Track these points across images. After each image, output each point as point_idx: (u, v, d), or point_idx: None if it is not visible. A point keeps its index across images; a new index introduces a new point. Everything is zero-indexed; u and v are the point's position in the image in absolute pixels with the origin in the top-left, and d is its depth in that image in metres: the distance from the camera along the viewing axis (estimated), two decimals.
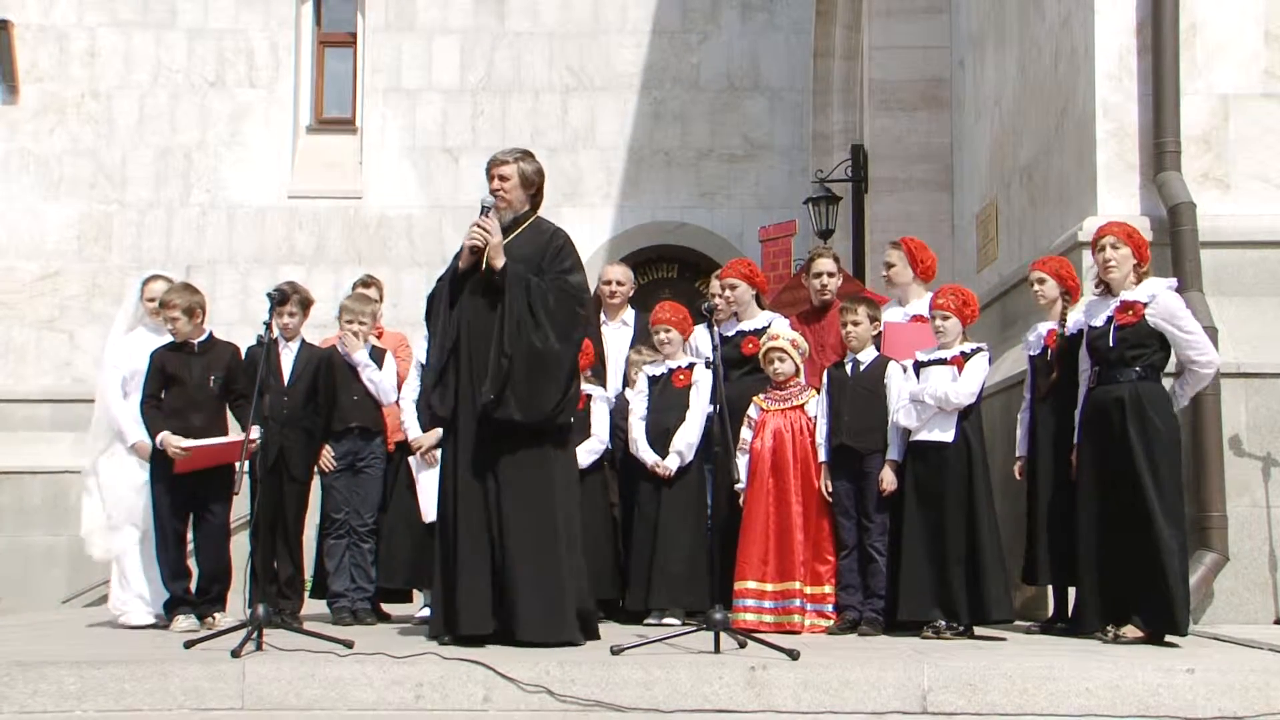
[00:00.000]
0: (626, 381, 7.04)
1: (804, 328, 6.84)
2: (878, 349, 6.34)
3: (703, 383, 6.63)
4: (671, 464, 6.53)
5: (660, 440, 6.60)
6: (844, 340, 6.35)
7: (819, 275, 6.95)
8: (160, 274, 6.86)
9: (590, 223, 13.78)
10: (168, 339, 6.60)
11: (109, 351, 6.84)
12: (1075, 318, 6.01)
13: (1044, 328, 6.17)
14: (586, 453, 6.54)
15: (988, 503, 5.88)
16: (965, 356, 6.01)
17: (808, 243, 12.91)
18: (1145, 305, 5.59)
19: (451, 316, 5.42)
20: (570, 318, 5.45)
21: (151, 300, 6.71)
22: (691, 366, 6.73)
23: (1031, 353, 6.22)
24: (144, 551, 6.58)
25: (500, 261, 5.38)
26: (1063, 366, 5.95)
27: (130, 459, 6.63)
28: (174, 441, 6.28)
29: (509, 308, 5.33)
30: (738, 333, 6.85)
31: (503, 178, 5.60)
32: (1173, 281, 5.83)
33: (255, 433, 5.86)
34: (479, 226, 5.40)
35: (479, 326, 5.40)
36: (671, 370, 6.74)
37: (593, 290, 6.28)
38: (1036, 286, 6.17)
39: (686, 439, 6.55)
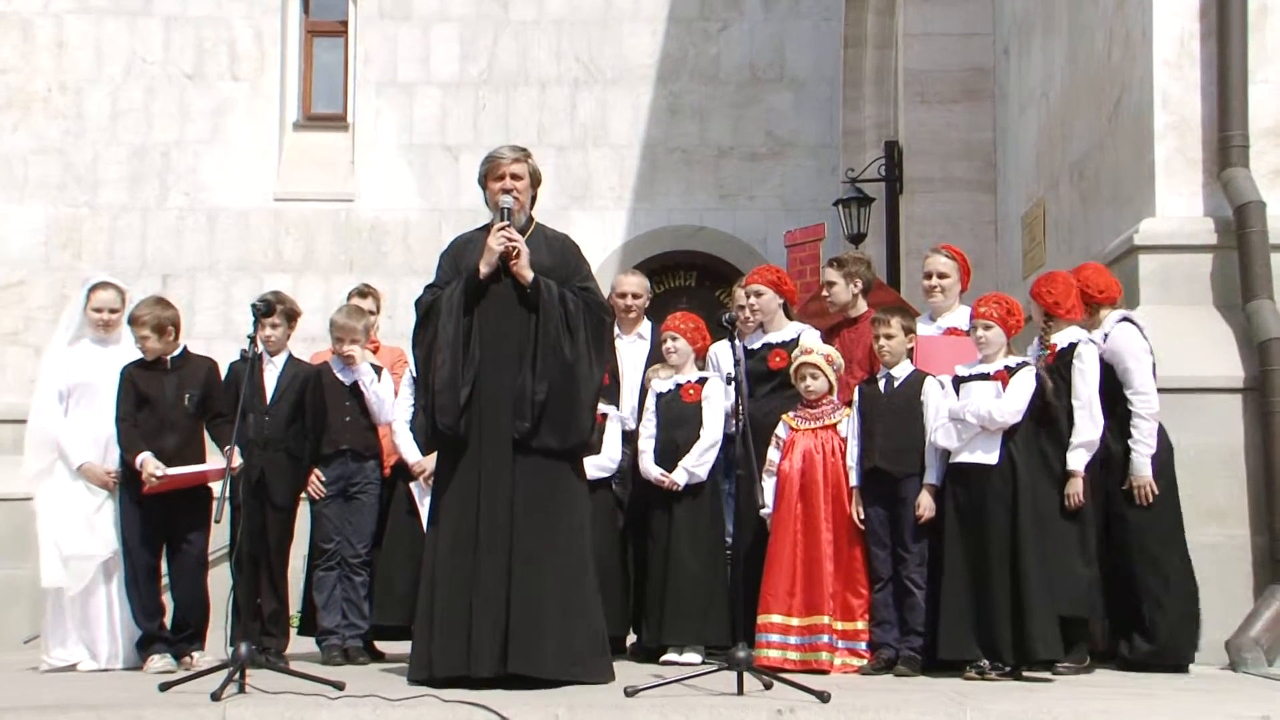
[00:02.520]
0: (644, 401, 7.06)
1: (830, 341, 6.83)
2: (912, 363, 6.33)
3: (715, 398, 6.63)
4: (679, 478, 6.53)
5: (670, 460, 6.60)
6: (876, 354, 6.34)
7: (824, 285, 6.98)
8: (109, 280, 6.80)
9: (601, 227, 13.78)
10: (114, 352, 6.60)
11: (46, 364, 6.79)
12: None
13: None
14: (593, 468, 6.56)
15: (1035, 531, 5.86)
16: (1010, 371, 5.99)
17: (837, 248, 12.89)
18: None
19: (467, 326, 5.42)
20: (602, 337, 5.54)
21: (98, 310, 6.66)
22: (703, 381, 6.73)
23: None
24: (104, 584, 6.50)
25: (530, 274, 5.41)
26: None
27: (77, 483, 6.52)
28: (152, 467, 6.26)
29: (544, 328, 5.37)
30: (764, 345, 6.84)
31: (516, 177, 5.59)
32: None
33: (237, 458, 5.88)
34: (506, 233, 5.41)
35: (496, 340, 5.42)
36: (680, 385, 6.75)
37: None
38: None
39: (697, 454, 6.55)
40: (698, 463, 6.56)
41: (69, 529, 6.50)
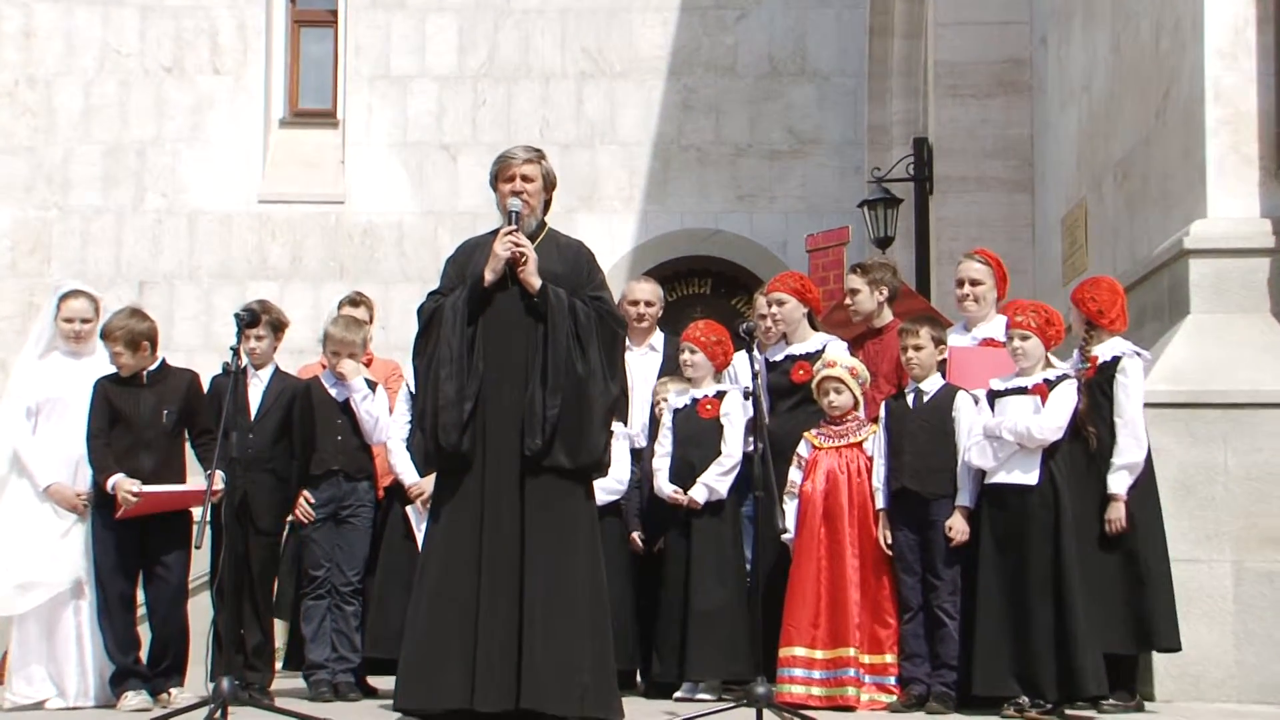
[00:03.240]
0: (654, 417, 7.08)
1: (854, 353, 6.84)
2: (944, 377, 6.33)
3: (735, 413, 6.64)
4: (698, 495, 6.54)
5: (686, 481, 6.61)
6: (904, 367, 6.35)
7: (846, 293, 7.00)
8: (81, 288, 6.80)
9: (610, 231, 13.80)
10: (87, 365, 6.61)
11: (14, 378, 6.79)
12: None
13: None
14: (601, 490, 6.56)
15: (1077, 557, 5.85)
16: (1049, 384, 6.00)
17: (863, 253, 12.88)
18: None
19: (470, 337, 5.44)
20: (616, 351, 5.55)
21: (69, 321, 6.66)
22: (721, 395, 6.74)
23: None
24: (72, 615, 6.47)
25: (538, 281, 5.43)
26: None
27: (44, 505, 6.48)
28: (128, 485, 6.26)
29: (554, 339, 5.38)
30: (786, 357, 6.85)
31: (527, 179, 5.60)
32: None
33: (219, 480, 5.89)
34: (513, 238, 5.44)
35: (502, 352, 5.43)
36: (696, 399, 6.76)
37: None
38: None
39: (717, 471, 6.57)
40: (718, 479, 6.57)
41: (28, 554, 6.45)
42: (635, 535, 6.83)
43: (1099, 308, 6.23)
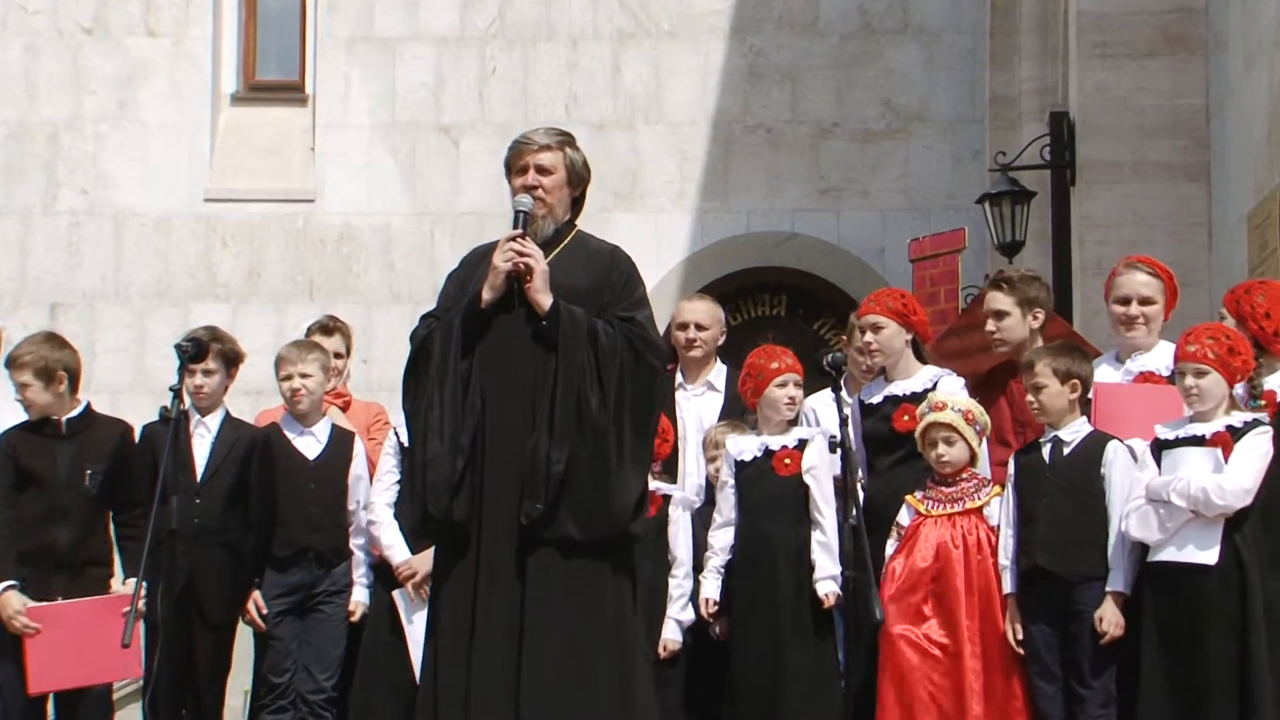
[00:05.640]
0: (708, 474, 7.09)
1: (981, 395, 6.81)
2: (1090, 422, 6.30)
3: (822, 468, 6.63)
4: (833, 589, 6.50)
5: (758, 560, 6.59)
6: (1029, 409, 6.34)
7: (988, 316, 6.95)
8: None
9: (655, 235, 13.82)
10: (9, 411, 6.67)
11: None
12: None
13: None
14: (678, 610, 6.63)
15: (1270, 658, 5.81)
16: (1234, 433, 5.96)
17: (982, 262, 12.80)
18: None
19: (466, 372, 5.45)
20: (651, 388, 5.53)
21: None
22: (802, 445, 6.73)
23: None
24: None
25: (548, 300, 5.44)
26: None
27: None
28: (14, 609, 6.26)
29: (564, 373, 5.38)
30: (887, 399, 6.84)
31: (542, 170, 5.63)
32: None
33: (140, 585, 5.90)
34: (515, 245, 5.47)
35: (505, 390, 5.44)
36: (772, 450, 6.75)
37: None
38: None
39: (825, 555, 6.55)
40: (831, 560, 6.53)
41: None
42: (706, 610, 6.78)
43: (1275, 328, 6.17)
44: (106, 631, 6.23)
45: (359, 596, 7.01)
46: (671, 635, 6.71)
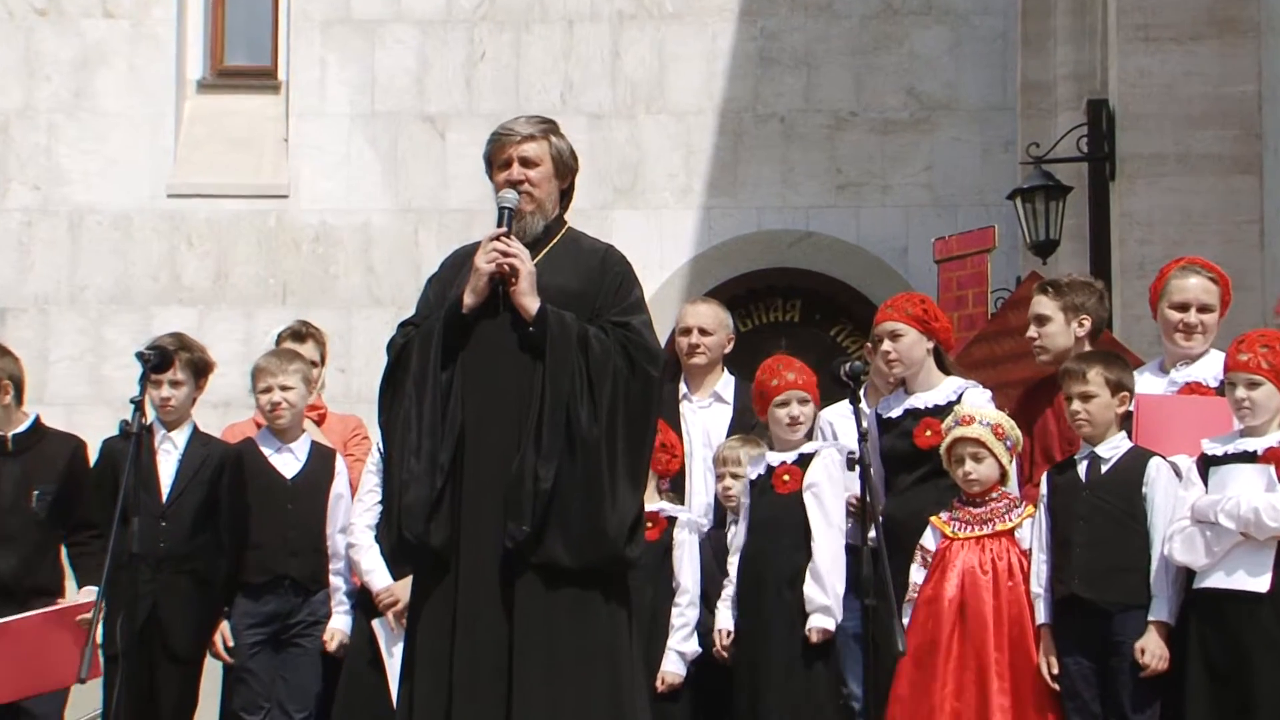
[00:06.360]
0: (719, 496, 7.08)
1: (1026, 408, 6.82)
2: (1130, 437, 6.30)
3: (825, 485, 6.62)
4: (823, 624, 6.51)
5: (757, 595, 6.61)
6: (1070, 423, 6.32)
7: (1030, 321, 6.93)
8: None
9: (658, 233, 13.83)
10: None
11: None
12: None
13: None
14: (681, 640, 6.60)
15: None
16: None
17: (1013, 262, 12.80)
18: None
19: (446, 384, 5.44)
20: (646, 399, 5.51)
21: None
22: (804, 460, 6.73)
23: None
24: None
25: (535, 304, 5.44)
26: None
27: None
28: None
29: (552, 383, 5.36)
30: (908, 412, 6.84)
31: (527, 162, 5.63)
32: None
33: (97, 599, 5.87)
34: (499, 245, 5.46)
35: (492, 403, 5.43)
36: (772, 467, 6.76)
37: (663, 345, 6.32)
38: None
39: (817, 587, 6.54)
40: (822, 593, 6.53)
41: None
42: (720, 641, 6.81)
43: None
44: (57, 648, 6.24)
45: (338, 625, 6.99)
46: (672, 668, 6.69)
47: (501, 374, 5.44)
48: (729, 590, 6.74)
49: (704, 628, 6.81)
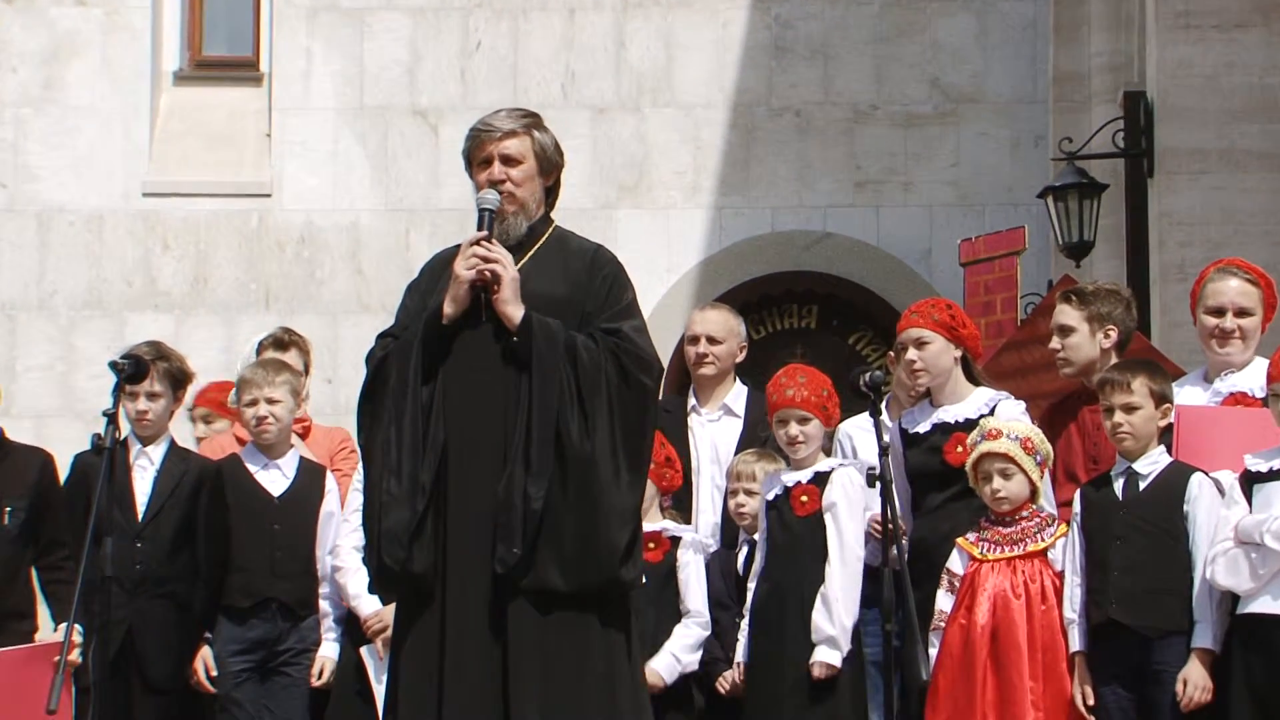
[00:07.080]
0: (729, 514, 7.11)
1: (1049, 423, 6.83)
2: (1169, 451, 6.32)
3: (843, 505, 6.65)
4: (828, 659, 6.51)
5: (771, 625, 6.64)
6: (1110, 436, 6.34)
7: (1053, 331, 6.95)
8: None
9: (665, 234, 13.82)
10: None
11: None
12: None
13: None
14: (682, 648, 6.60)
15: None
16: None
17: (1044, 264, 12.81)
18: None
19: (427, 400, 5.46)
20: (641, 410, 5.52)
21: None
22: (820, 478, 6.75)
23: None
24: None
25: (519, 312, 5.46)
26: None
27: None
28: None
29: (539, 396, 5.38)
30: (935, 427, 6.85)
31: (509, 160, 5.65)
32: None
33: (77, 635, 5.90)
34: (479, 250, 5.48)
35: (475, 418, 5.45)
36: (788, 487, 6.78)
37: (667, 354, 6.35)
38: None
39: (829, 619, 6.57)
40: (840, 630, 6.55)
41: None
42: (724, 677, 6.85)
43: None
44: (33, 686, 6.15)
45: (327, 653, 7.02)
46: (662, 670, 6.71)
47: (485, 388, 5.47)
48: (745, 621, 6.75)
49: (708, 655, 6.85)
